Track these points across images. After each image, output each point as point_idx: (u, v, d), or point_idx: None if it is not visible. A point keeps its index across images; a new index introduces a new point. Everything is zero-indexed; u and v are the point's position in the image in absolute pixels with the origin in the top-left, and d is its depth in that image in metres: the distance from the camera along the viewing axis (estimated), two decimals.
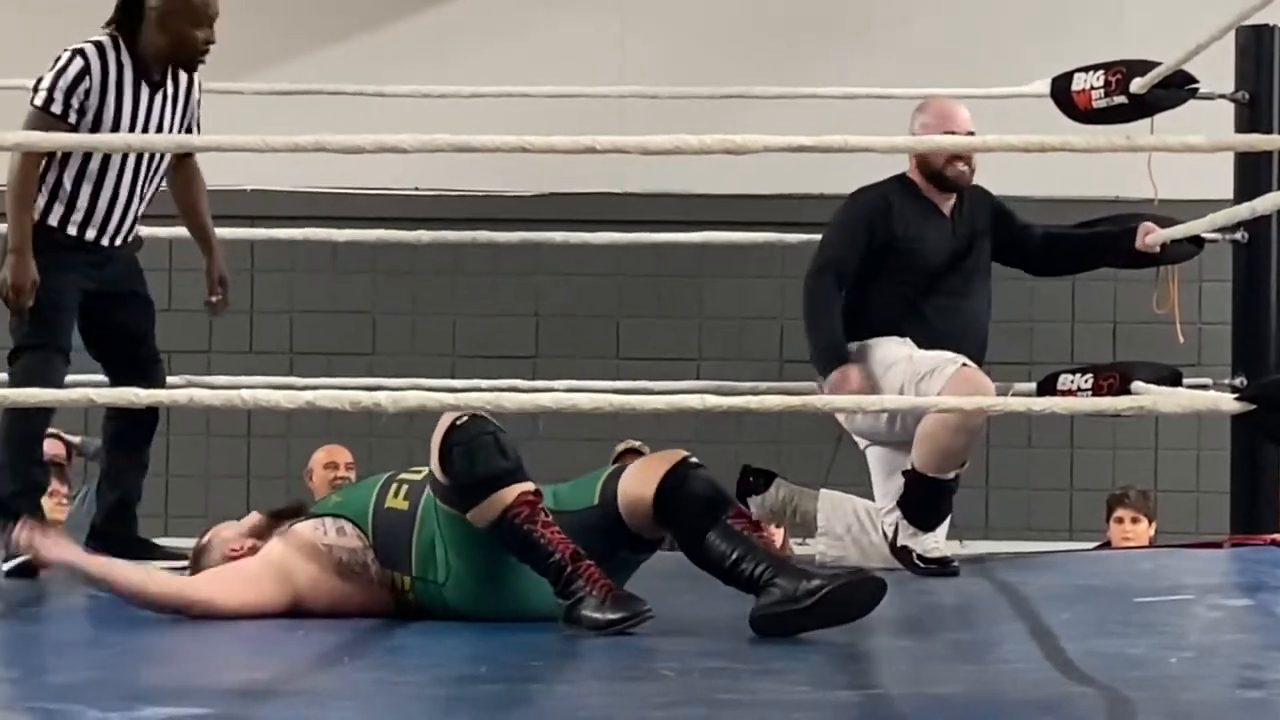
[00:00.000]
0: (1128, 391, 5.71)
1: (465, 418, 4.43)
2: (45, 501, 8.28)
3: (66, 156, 5.57)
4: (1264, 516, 6.15)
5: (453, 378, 8.64)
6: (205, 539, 4.88)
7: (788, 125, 7.40)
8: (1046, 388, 6.19)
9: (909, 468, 5.77)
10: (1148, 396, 5.53)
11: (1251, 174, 6.07)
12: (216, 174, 10.05)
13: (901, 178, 5.99)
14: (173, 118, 5.77)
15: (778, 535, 8.19)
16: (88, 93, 5.56)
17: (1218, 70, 6.03)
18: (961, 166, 5.90)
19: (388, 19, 11.10)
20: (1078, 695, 3.75)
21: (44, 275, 5.51)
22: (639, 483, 4.57)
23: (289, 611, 4.61)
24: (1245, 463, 6.17)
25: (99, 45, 5.62)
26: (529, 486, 4.45)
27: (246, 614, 4.58)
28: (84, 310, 5.72)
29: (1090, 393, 5.89)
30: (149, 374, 5.79)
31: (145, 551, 5.80)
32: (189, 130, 5.84)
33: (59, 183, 5.60)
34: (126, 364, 5.78)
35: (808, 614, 4.36)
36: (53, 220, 5.61)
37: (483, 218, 10.25)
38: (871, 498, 6.20)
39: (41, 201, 5.58)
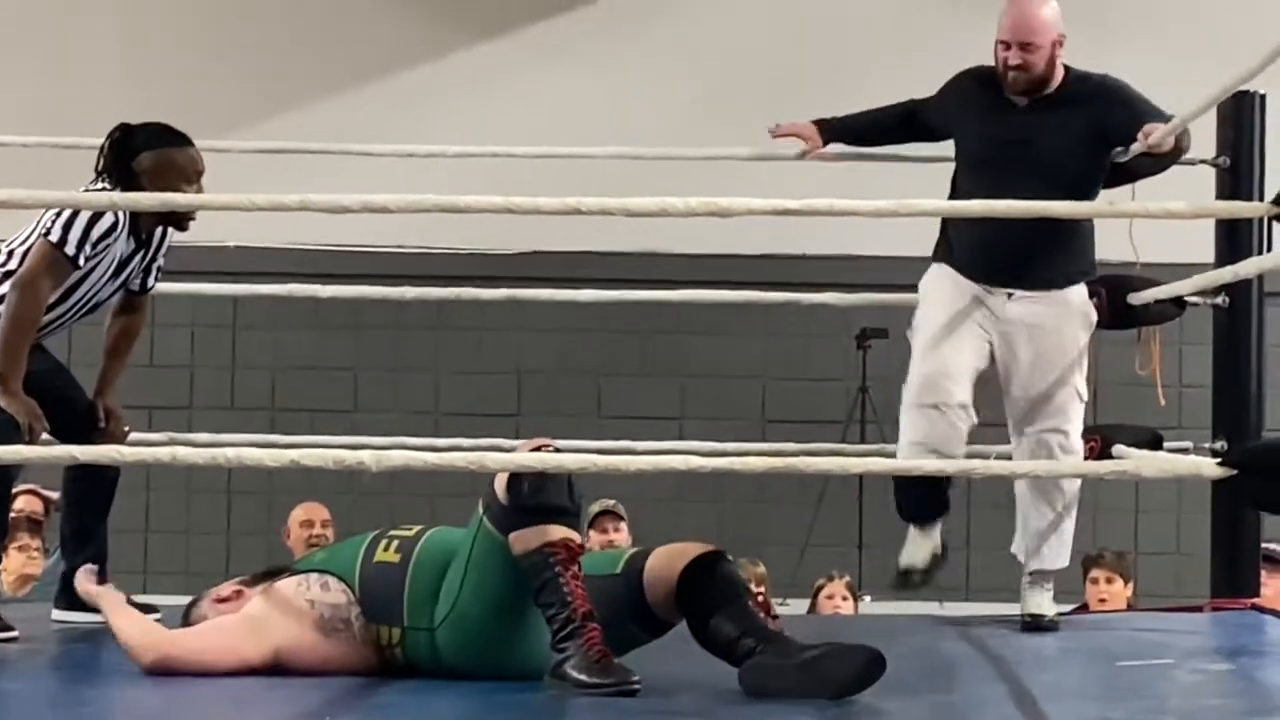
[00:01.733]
0: (1109, 455, 5.71)
1: (553, 449, 4.46)
2: (18, 555, 8.28)
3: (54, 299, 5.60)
4: (1245, 580, 6.14)
5: (435, 434, 8.63)
6: (195, 598, 4.89)
7: (775, 185, 7.44)
8: None
9: None
10: (1129, 461, 5.53)
11: (1232, 238, 6.08)
12: (200, 230, 10.09)
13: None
14: (139, 264, 5.81)
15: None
16: (107, 246, 5.58)
17: (1199, 134, 6.04)
18: (1011, 69, 5.76)
19: (378, 74, 11.14)
20: None
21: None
22: (669, 560, 4.60)
23: (270, 668, 4.59)
24: (1225, 526, 6.17)
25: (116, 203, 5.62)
26: (576, 536, 4.46)
27: (226, 670, 4.56)
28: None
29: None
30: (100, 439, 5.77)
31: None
32: (149, 272, 5.89)
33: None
34: (78, 434, 5.74)
35: (798, 670, 4.35)
36: None
37: (467, 275, 10.26)
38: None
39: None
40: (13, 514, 8.65)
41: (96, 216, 5.55)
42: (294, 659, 4.62)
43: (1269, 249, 5.93)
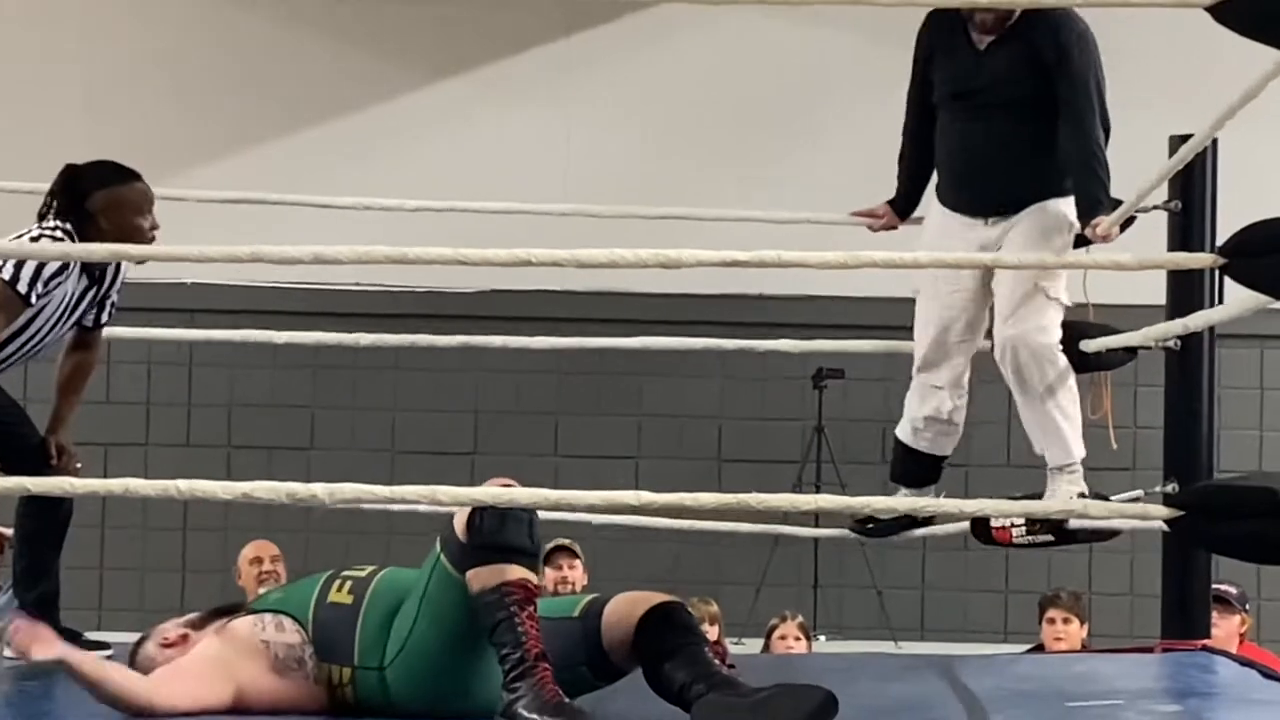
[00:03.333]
0: (1064, 531, 5.75)
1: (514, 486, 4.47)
2: None
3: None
4: (1195, 621, 6.18)
5: (392, 473, 8.67)
6: (142, 637, 4.88)
7: (726, 231, 7.50)
8: (980, 529, 6.16)
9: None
10: (1076, 503, 5.56)
11: (1184, 282, 6.12)
12: (156, 267, 10.10)
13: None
14: (93, 300, 5.83)
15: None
16: (59, 284, 5.60)
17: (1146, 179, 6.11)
18: (980, 11, 5.93)
19: (332, 113, 11.16)
20: None
21: None
22: (628, 606, 4.61)
23: (231, 708, 4.60)
24: (1176, 567, 6.20)
25: (69, 236, 5.66)
26: (534, 577, 4.45)
27: (191, 710, 4.57)
28: None
29: (1026, 532, 5.91)
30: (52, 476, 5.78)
31: (70, 640, 5.79)
32: (103, 307, 5.90)
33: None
34: (30, 471, 5.75)
35: (749, 710, 4.33)
36: None
37: (423, 313, 10.29)
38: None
39: None
40: None
41: (61, 266, 5.58)
42: (253, 698, 4.62)
43: (1219, 293, 5.98)
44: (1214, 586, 6.54)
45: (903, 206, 6.43)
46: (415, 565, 4.67)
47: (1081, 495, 5.86)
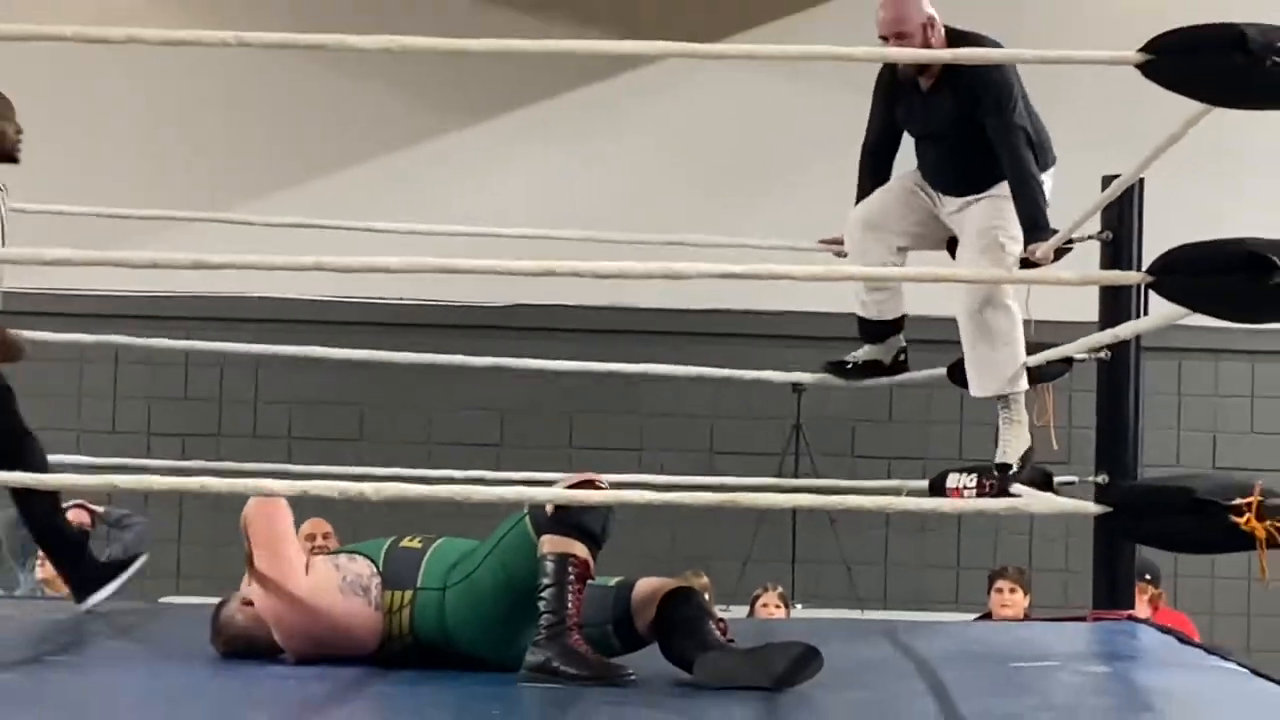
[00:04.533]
0: (1007, 491, 5.73)
1: (605, 485, 4.50)
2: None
3: None
4: (1122, 594, 6.16)
5: (429, 463, 8.63)
6: (222, 601, 4.89)
7: (719, 254, 7.47)
8: (938, 484, 6.20)
9: None
10: (1021, 499, 5.55)
11: (1113, 300, 6.11)
12: (231, 282, 10.11)
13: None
14: (3, 208, 5.74)
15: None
16: None
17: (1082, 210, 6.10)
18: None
19: (384, 149, 11.16)
20: None
21: None
22: (653, 587, 4.67)
23: (309, 614, 4.62)
24: (1106, 548, 6.18)
25: None
26: (592, 562, 4.46)
27: (300, 604, 4.62)
28: None
29: (974, 491, 5.91)
30: (30, 447, 5.68)
31: (109, 570, 5.77)
32: None
33: None
34: (7, 443, 5.65)
35: (744, 661, 4.38)
36: None
37: (460, 324, 10.28)
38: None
39: None
40: None
41: None
42: (318, 611, 4.63)
43: (1145, 310, 5.97)
44: (1138, 561, 6.54)
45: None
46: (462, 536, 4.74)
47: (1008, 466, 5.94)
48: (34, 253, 4.13)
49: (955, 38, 6.04)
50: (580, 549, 4.44)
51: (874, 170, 6.47)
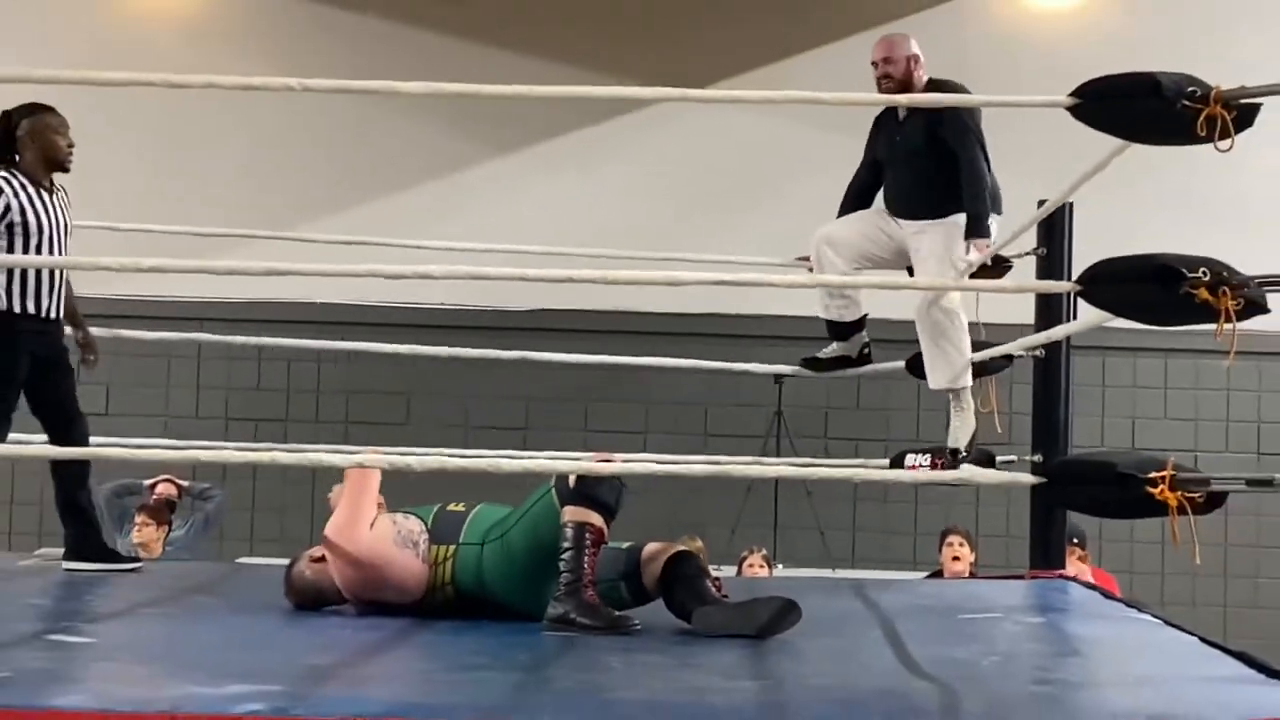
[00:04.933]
0: (956, 467, 5.74)
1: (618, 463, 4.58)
2: (153, 531, 8.23)
3: (11, 250, 5.49)
4: (1055, 556, 6.16)
5: (465, 443, 8.65)
6: (293, 559, 4.91)
7: (712, 268, 7.47)
8: (897, 461, 6.21)
9: None
10: (969, 473, 5.56)
11: (1047, 306, 6.13)
12: (298, 289, 10.12)
13: None
14: (64, 210, 5.69)
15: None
16: (7, 207, 5.49)
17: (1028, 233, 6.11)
18: (880, 79, 6.31)
19: (426, 179, 11.14)
20: (919, 687, 3.75)
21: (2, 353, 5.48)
22: (660, 549, 4.72)
23: (374, 562, 4.66)
24: (1041, 516, 6.19)
25: (1, 175, 5.55)
26: (606, 530, 4.52)
27: (362, 550, 4.66)
28: (30, 376, 5.60)
29: (929, 467, 5.92)
30: (77, 427, 5.69)
31: (108, 556, 5.76)
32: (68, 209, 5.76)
33: (10, 275, 5.53)
34: (60, 420, 5.67)
35: (735, 611, 4.43)
36: (6, 304, 5.54)
37: (491, 326, 10.28)
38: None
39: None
40: (155, 497, 8.67)
41: None
42: (375, 558, 4.66)
43: (1074, 314, 5.97)
44: (1068, 526, 6.54)
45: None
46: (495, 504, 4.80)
47: (957, 450, 5.99)
48: (133, 261, 4.14)
49: (930, 84, 6.23)
50: (596, 518, 4.48)
51: (855, 202, 6.56)
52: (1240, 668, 3.96)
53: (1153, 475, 3.56)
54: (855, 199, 6.58)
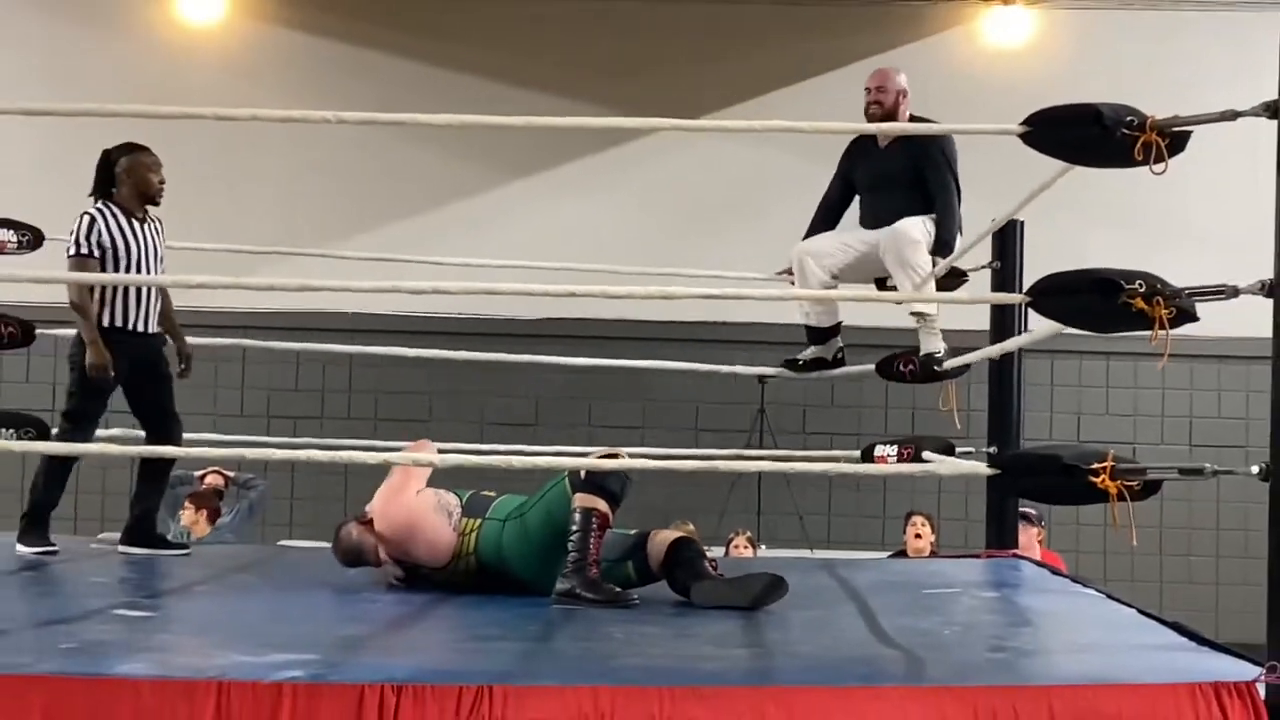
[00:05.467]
0: (921, 458, 5.75)
1: (625, 457, 4.57)
2: (202, 516, 8.23)
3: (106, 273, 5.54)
4: (1008, 537, 6.17)
5: (481, 439, 8.65)
6: (340, 524, 4.98)
7: (702, 281, 7.48)
8: (867, 453, 6.20)
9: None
10: (932, 463, 5.56)
11: (1001, 315, 6.14)
12: (330, 301, 10.11)
13: None
14: (156, 240, 5.72)
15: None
16: (100, 234, 5.53)
17: (983, 249, 6.11)
18: (870, 104, 6.32)
19: (444, 202, 11.14)
20: (888, 655, 3.77)
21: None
22: (665, 535, 4.77)
23: (412, 522, 4.71)
24: (995, 502, 6.20)
25: (97, 207, 5.61)
26: (611, 516, 4.56)
27: (405, 510, 4.74)
28: (127, 382, 5.64)
29: (896, 458, 5.92)
30: (172, 428, 5.71)
31: (159, 543, 5.76)
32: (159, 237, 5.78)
33: (102, 295, 5.56)
34: (156, 421, 5.70)
35: (728, 585, 4.49)
36: (103, 320, 5.58)
37: (503, 333, 10.28)
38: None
39: (95, 307, 5.57)
40: (204, 486, 8.67)
41: (81, 225, 5.52)
42: (414, 518, 4.72)
43: (1025, 321, 5.98)
44: (1020, 509, 6.55)
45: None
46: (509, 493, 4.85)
47: (934, 353, 6.12)
48: (184, 279, 4.14)
49: (912, 118, 6.28)
50: (602, 505, 4.51)
51: (825, 217, 6.54)
52: (1174, 636, 3.98)
53: (1095, 466, 3.56)
54: (825, 215, 6.57)
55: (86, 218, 5.57)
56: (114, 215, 5.60)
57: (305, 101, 10.49)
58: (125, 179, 5.65)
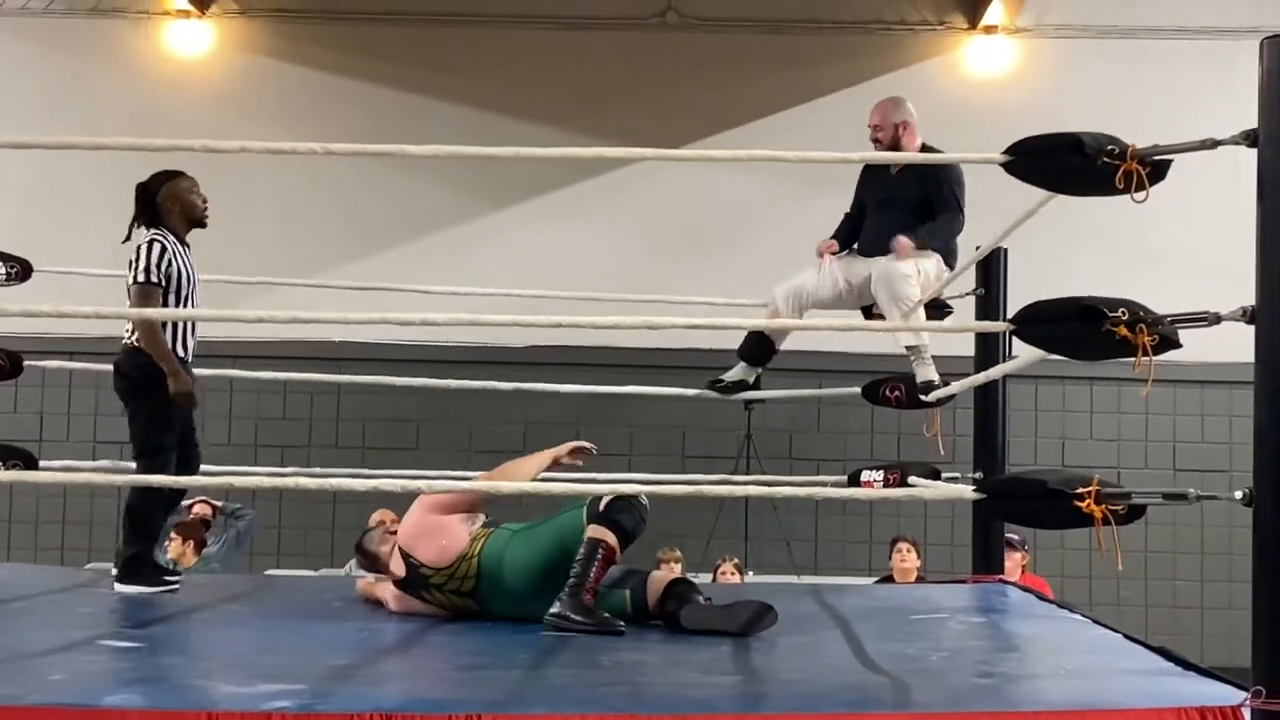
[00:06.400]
0: (906, 483, 5.75)
1: (646, 502, 4.65)
2: (189, 546, 8.20)
3: (166, 305, 5.44)
4: (994, 562, 6.18)
5: (469, 466, 8.62)
6: (362, 535, 5.05)
7: (687, 308, 7.49)
8: (854, 478, 6.20)
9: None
10: (917, 488, 5.56)
11: (985, 342, 6.15)
12: (318, 330, 10.09)
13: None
14: (195, 266, 5.69)
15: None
16: (168, 263, 5.45)
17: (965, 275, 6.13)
18: (873, 139, 6.39)
19: (432, 230, 11.15)
20: (875, 681, 3.76)
21: (160, 392, 5.39)
22: (664, 574, 4.84)
23: (440, 522, 4.79)
24: (982, 527, 6.21)
25: (159, 234, 5.51)
26: (619, 551, 4.61)
27: (440, 517, 4.79)
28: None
29: (882, 483, 5.92)
30: (194, 455, 5.66)
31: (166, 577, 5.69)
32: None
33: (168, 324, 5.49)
34: (187, 448, 5.63)
35: (719, 612, 4.51)
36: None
37: (491, 361, 10.28)
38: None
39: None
40: (191, 516, 8.64)
41: (151, 254, 5.41)
42: (442, 520, 4.79)
43: (1010, 347, 5.99)
44: (1005, 535, 6.55)
45: (840, 245, 6.55)
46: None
47: (931, 381, 6.09)
48: (171, 311, 4.11)
49: (923, 147, 6.37)
50: (612, 539, 4.57)
51: (848, 232, 6.59)
52: (1159, 661, 3.98)
53: (1080, 490, 3.56)
54: (847, 227, 6.60)
55: (157, 245, 5.44)
56: (172, 242, 5.51)
57: (293, 132, 10.52)
58: (170, 206, 5.56)
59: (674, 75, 11.09)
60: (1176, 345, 3.67)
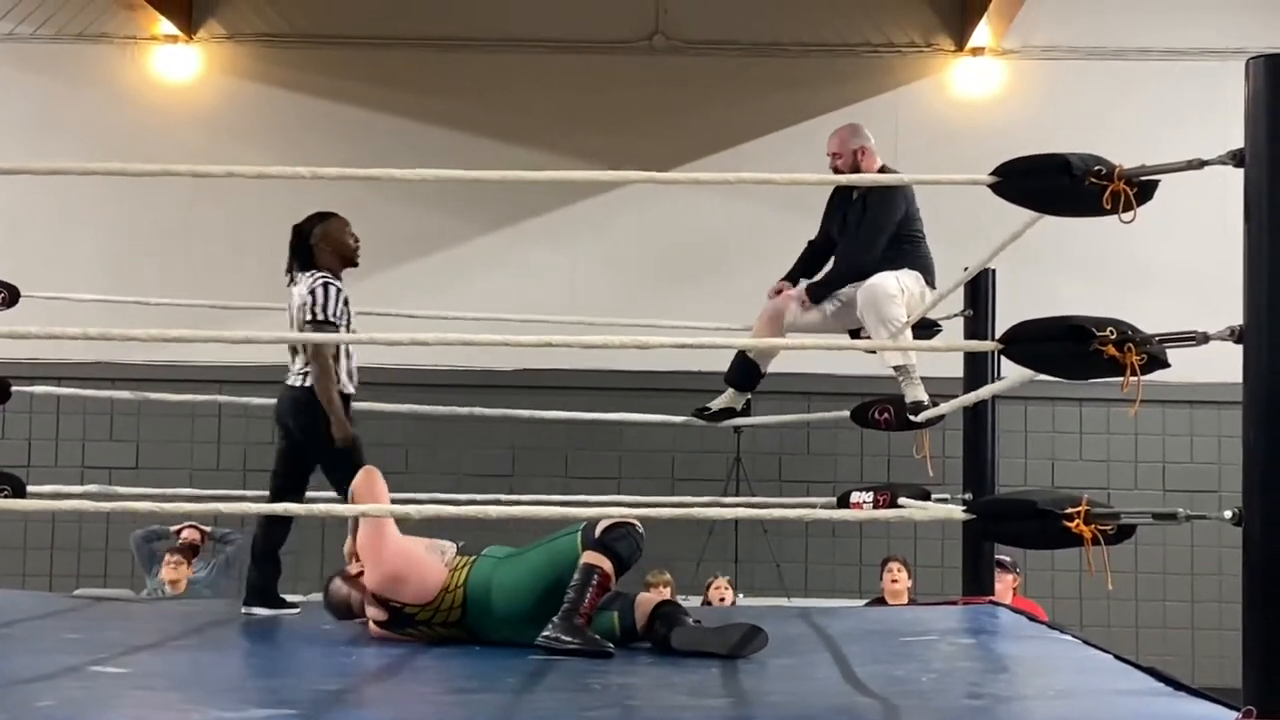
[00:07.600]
0: (896, 504, 5.74)
1: (642, 529, 4.65)
2: (178, 571, 8.18)
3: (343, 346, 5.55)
4: (984, 583, 6.17)
5: (459, 489, 8.62)
6: (330, 577, 5.02)
7: (675, 332, 7.50)
8: (844, 499, 6.20)
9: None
10: (907, 509, 5.56)
11: (974, 362, 6.15)
12: None
13: None
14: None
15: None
16: (345, 304, 5.55)
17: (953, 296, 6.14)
18: (831, 167, 6.38)
19: (426, 253, 11.14)
20: (865, 703, 3.75)
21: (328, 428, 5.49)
22: (651, 597, 4.84)
23: (402, 556, 4.71)
24: (972, 548, 6.20)
25: (327, 276, 5.59)
26: (614, 579, 4.60)
27: (396, 548, 4.73)
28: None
29: (872, 505, 5.92)
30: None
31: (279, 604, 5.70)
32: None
33: (338, 363, 5.56)
34: (300, 481, 5.69)
35: (709, 634, 4.49)
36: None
37: (480, 384, 10.26)
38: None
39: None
40: (180, 540, 8.62)
41: (331, 296, 5.52)
42: (404, 553, 4.72)
43: (998, 367, 6.00)
44: (996, 557, 6.55)
45: (794, 279, 6.58)
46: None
47: (920, 402, 6.08)
48: (159, 332, 4.10)
49: (882, 168, 6.35)
50: (607, 565, 4.56)
51: (807, 259, 6.57)
52: (1150, 681, 3.97)
53: (1069, 510, 3.56)
54: (808, 258, 6.60)
55: (334, 288, 5.54)
56: (341, 286, 5.59)
57: (280, 156, 10.52)
58: (324, 247, 5.65)
59: (662, 98, 11.11)
60: (1165, 365, 3.68)
